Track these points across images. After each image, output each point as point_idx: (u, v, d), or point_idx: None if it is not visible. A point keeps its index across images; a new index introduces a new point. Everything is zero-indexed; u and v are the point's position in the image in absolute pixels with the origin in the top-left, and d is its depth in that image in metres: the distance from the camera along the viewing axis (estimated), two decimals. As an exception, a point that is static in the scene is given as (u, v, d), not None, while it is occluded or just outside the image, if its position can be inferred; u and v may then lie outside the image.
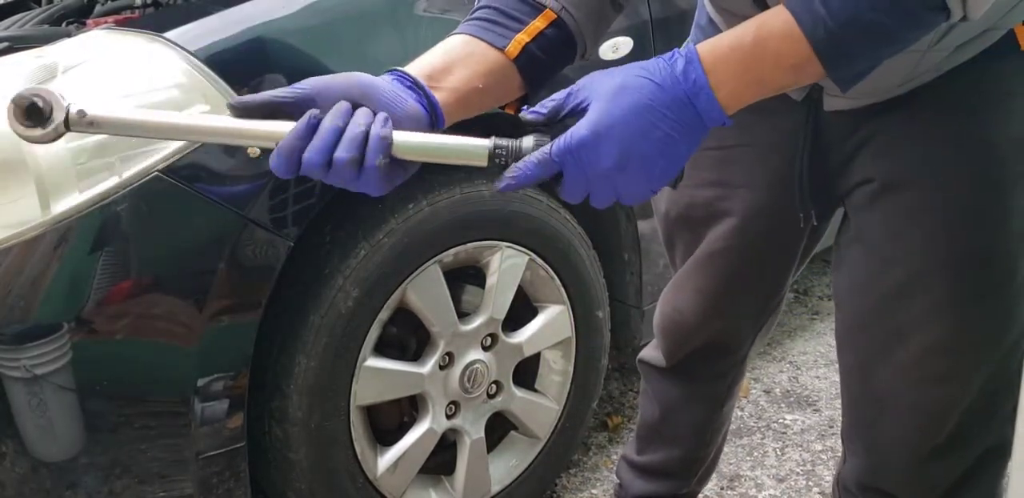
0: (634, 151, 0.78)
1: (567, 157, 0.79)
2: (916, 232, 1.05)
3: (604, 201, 0.82)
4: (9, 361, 1.18)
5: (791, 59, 0.80)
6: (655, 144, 0.79)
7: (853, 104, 1.07)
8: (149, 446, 1.27)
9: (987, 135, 1.02)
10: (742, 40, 0.81)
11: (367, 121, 0.79)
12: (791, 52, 0.80)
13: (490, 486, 1.75)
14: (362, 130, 0.78)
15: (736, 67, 0.80)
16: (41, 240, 1.18)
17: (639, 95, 0.78)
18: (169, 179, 1.22)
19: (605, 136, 0.78)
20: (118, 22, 1.57)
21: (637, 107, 0.78)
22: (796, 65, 0.81)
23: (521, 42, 0.94)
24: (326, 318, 1.42)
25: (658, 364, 1.46)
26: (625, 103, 0.78)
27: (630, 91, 0.79)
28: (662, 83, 0.79)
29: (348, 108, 0.80)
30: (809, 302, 2.81)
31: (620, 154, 0.78)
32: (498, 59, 0.94)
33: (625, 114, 0.78)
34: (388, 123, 0.80)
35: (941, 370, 1.08)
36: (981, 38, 1.00)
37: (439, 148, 0.82)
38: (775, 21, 0.80)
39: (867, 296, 1.11)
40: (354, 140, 0.78)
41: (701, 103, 0.79)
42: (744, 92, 0.81)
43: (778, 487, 1.96)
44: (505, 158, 0.81)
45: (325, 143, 0.78)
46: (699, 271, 1.30)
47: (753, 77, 0.81)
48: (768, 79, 0.82)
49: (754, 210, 1.20)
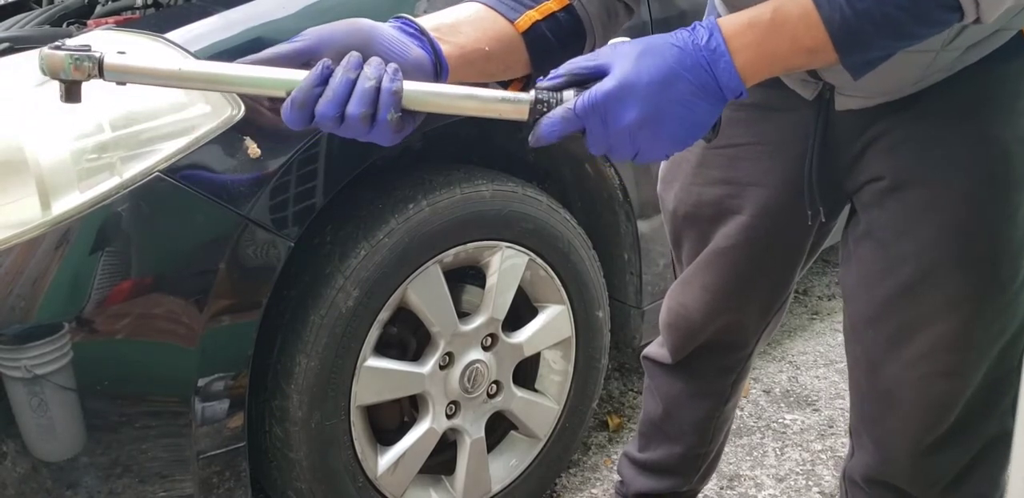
0: (656, 108, 0.79)
1: (591, 112, 0.79)
2: (925, 229, 1.06)
3: (624, 157, 0.83)
4: (10, 361, 1.18)
5: (807, 42, 0.81)
6: (676, 105, 0.80)
7: (864, 103, 1.08)
8: (150, 446, 1.28)
9: (995, 134, 1.03)
10: (760, 18, 0.82)
11: (378, 75, 0.79)
12: (807, 35, 0.81)
13: (490, 486, 1.75)
14: (373, 84, 0.79)
15: (754, 40, 0.81)
16: (42, 240, 1.18)
17: (662, 57, 0.80)
18: (170, 179, 1.22)
19: (630, 91, 0.79)
20: (119, 23, 1.57)
21: (660, 67, 0.79)
22: (811, 48, 0.82)
23: (532, 18, 0.96)
24: (326, 318, 1.42)
25: (663, 361, 1.46)
26: (649, 63, 0.79)
27: (653, 53, 0.80)
28: (683, 48, 0.80)
29: (358, 60, 0.80)
30: (809, 302, 2.81)
31: (642, 110, 0.79)
32: (507, 29, 0.95)
33: (650, 72, 0.79)
34: (398, 75, 0.80)
35: (948, 364, 1.10)
36: (992, 38, 1.01)
37: (466, 99, 0.81)
38: (793, 5, 0.81)
39: (876, 292, 1.12)
40: (366, 95, 0.79)
41: (720, 70, 0.80)
42: (759, 64, 0.82)
43: (778, 487, 1.96)
44: (547, 112, 0.81)
45: (338, 96, 0.79)
46: (707, 268, 1.30)
47: (769, 52, 0.82)
48: (783, 57, 0.83)
49: (763, 208, 1.21)
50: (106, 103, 1.21)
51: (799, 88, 1.12)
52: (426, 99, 0.81)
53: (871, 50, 0.83)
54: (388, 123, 0.80)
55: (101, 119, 1.20)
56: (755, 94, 1.18)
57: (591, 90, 0.80)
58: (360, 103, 0.79)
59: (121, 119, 1.21)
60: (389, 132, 0.81)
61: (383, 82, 0.79)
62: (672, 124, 0.80)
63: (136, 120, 1.21)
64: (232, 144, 1.25)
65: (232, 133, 1.25)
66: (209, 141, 1.24)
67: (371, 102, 0.79)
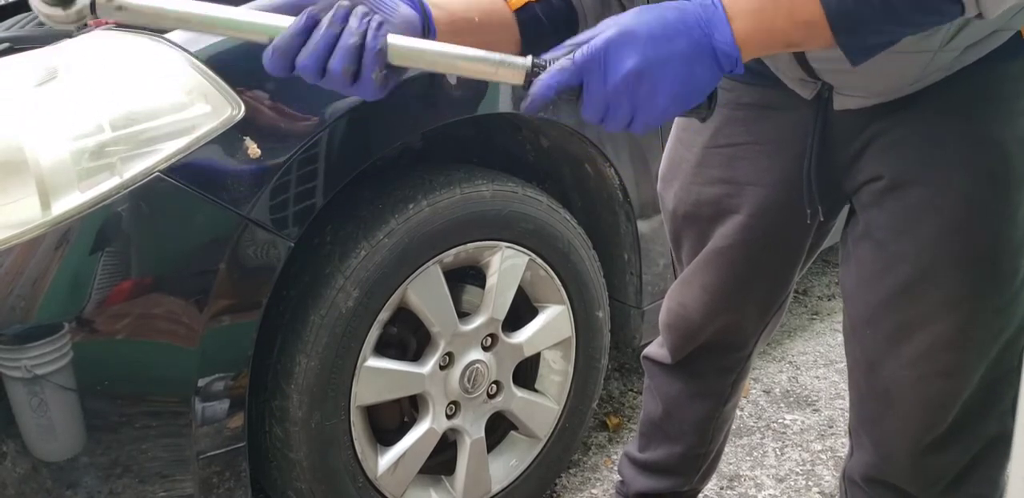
0: (656, 58, 0.79)
1: (590, 60, 0.79)
2: (924, 229, 1.06)
3: (620, 122, 0.82)
4: (10, 361, 1.18)
5: (804, 15, 0.81)
6: (676, 59, 0.79)
7: (863, 103, 1.08)
8: (150, 446, 1.28)
9: (994, 134, 1.04)
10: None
11: (360, 30, 0.78)
12: (805, 8, 0.81)
13: (490, 486, 1.75)
14: (355, 41, 0.78)
15: (751, 7, 0.81)
16: (42, 240, 1.18)
17: (661, 14, 0.80)
18: (170, 179, 1.22)
19: (631, 38, 0.79)
20: (119, 23, 1.57)
21: (660, 21, 0.80)
22: (809, 22, 0.81)
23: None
24: (327, 318, 1.42)
25: (663, 361, 1.46)
26: (649, 17, 0.80)
27: (653, 10, 0.80)
28: (683, 8, 0.81)
29: (345, 12, 0.79)
30: (809, 302, 2.81)
31: (642, 58, 0.79)
32: (500, 4, 0.96)
33: (650, 25, 0.79)
34: (382, 32, 0.79)
35: (947, 364, 1.10)
36: (991, 38, 1.01)
37: (459, 58, 0.80)
38: None
39: (875, 291, 1.12)
40: (348, 51, 0.78)
41: (718, 33, 0.80)
42: (757, 35, 0.82)
43: (778, 487, 1.96)
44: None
45: (319, 50, 0.78)
46: (706, 268, 1.30)
47: (766, 21, 0.82)
48: (780, 29, 0.82)
49: (762, 207, 1.21)
50: (106, 103, 1.21)
51: (798, 88, 1.12)
52: (416, 55, 0.80)
53: (868, 34, 0.82)
54: (372, 80, 0.79)
55: (101, 119, 1.20)
56: (754, 94, 1.19)
57: (592, 40, 0.79)
58: (342, 59, 0.78)
59: (121, 119, 1.21)
60: (372, 87, 0.80)
61: (367, 38, 0.78)
62: (671, 80, 0.80)
63: (136, 120, 1.21)
64: (232, 144, 1.26)
65: (232, 133, 1.25)
66: (209, 141, 1.24)
67: (354, 59, 0.78)
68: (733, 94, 1.19)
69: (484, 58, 0.80)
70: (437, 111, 1.52)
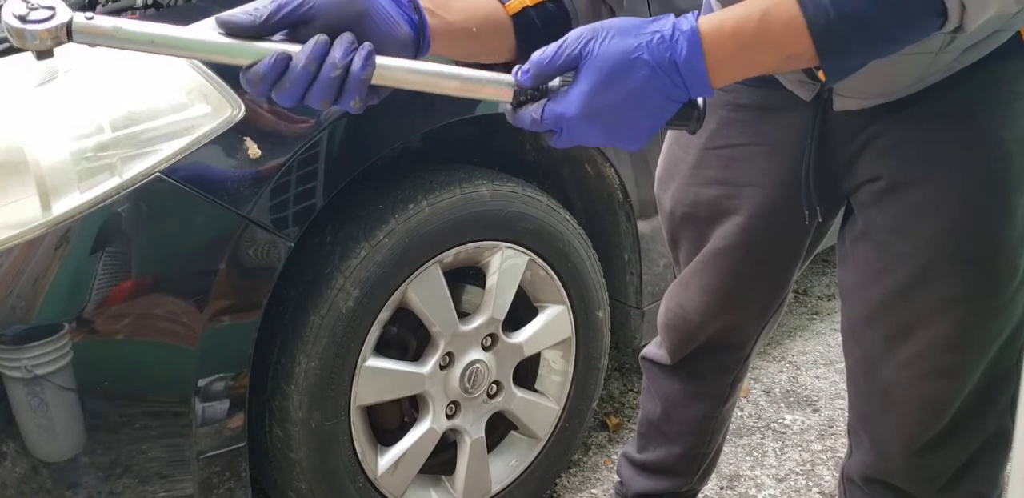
0: (619, 124, 0.80)
1: (553, 126, 0.80)
2: (923, 229, 1.06)
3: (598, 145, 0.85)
4: (10, 361, 1.18)
5: (789, 49, 0.81)
6: (641, 118, 0.81)
7: (862, 104, 1.08)
8: (150, 446, 1.28)
9: (993, 135, 1.04)
10: (745, 27, 0.80)
11: (344, 62, 0.77)
12: (791, 42, 0.80)
13: (490, 486, 1.75)
14: (338, 74, 0.77)
15: (733, 51, 0.80)
16: (42, 241, 1.18)
17: (632, 81, 0.78)
18: (170, 180, 1.22)
19: (594, 117, 0.79)
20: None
21: (630, 92, 0.79)
22: (793, 55, 0.82)
23: (523, 2, 0.96)
24: (327, 318, 1.42)
25: (661, 361, 1.46)
26: (619, 87, 0.78)
27: (623, 75, 0.78)
28: (656, 66, 0.78)
29: (323, 46, 0.77)
30: (809, 302, 2.81)
31: (604, 128, 0.80)
32: (497, 11, 0.96)
33: (619, 96, 0.79)
34: (370, 61, 0.78)
35: (946, 364, 1.10)
36: (990, 39, 1.01)
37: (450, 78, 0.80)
38: (780, 11, 0.80)
39: (873, 291, 1.12)
40: (328, 85, 0.77)
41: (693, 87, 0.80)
42: (731, 74, 0.82)
43: (778, 487, 1.96)
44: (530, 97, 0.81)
45: (295, 86, 0.77)
46: (704, 269, 1.30)
47: (746, 60, 0.82)
48: (760, 63, 0.83)
49: (760, 208, 1.21)
50: (106, 103, 1.21)
51: (797, 89, 1.12)
52: (404, 76, 0.80)
53: (851, 56, 0.82)
54: (351, 106, 0.79)
55: (101, 119, 1.20)
56: (753, 95, 1.18)
57: (557, 108, 0.79)
58: (320, 94, 0.77)
59: (121, 119, 1.21)
60: (351, 108, 0.80)
61: (353, 67, 0.77)
62: (634, 130, 0.82)
63: (136, 120, 1.21)
64: (232, 144, 1.26)
65: (232, 133, 1.25)
66: (209, 141, 1.24)
67: (333, 93, 0.78)
68: (731, 96, 1.19)
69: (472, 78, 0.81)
70: (437, 111, 1.52)
